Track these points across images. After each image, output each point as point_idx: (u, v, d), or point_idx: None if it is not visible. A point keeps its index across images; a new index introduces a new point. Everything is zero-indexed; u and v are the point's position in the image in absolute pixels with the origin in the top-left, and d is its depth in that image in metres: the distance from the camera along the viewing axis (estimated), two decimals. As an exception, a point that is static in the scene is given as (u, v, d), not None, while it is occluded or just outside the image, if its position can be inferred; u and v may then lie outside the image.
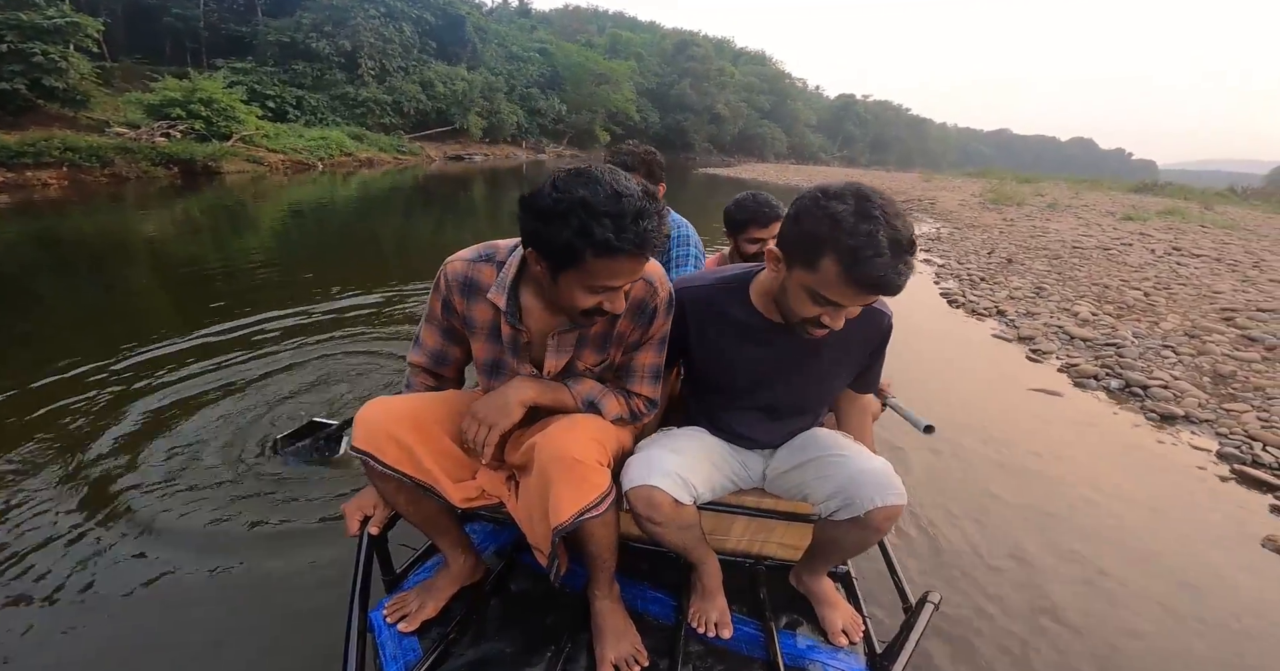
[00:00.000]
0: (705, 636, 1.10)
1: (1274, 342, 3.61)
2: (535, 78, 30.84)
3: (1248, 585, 1.62)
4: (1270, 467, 2.23)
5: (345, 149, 17.26)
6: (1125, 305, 4.67)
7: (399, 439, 0.94)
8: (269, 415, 2.22)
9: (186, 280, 4.37)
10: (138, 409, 2.21)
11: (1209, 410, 2.77)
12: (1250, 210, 15.73)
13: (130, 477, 1.76)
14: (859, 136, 74.19)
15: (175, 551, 1.44)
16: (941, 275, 5.97)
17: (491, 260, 0.97)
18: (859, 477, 0.96)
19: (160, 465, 1.84)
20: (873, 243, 0.78)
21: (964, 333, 4.19)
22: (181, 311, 3.64)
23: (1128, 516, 1.94)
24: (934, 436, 1.55)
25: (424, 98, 22.66)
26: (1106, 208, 13.96)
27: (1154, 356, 3.47)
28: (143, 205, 8.53)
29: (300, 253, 5.96)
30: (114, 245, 5.69)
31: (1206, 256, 6.98)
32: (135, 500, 1.65)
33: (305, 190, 11.63)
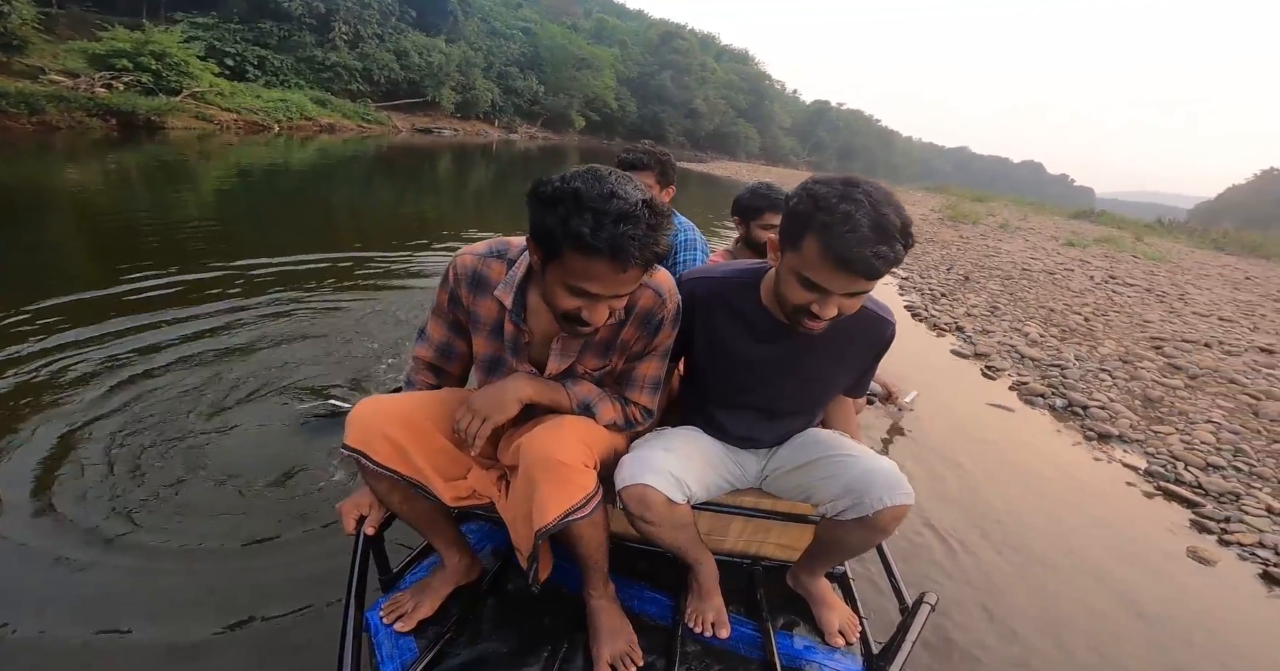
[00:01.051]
0: (702, 636, 1.10)
1: (1196, 372, 4.04)
2: (515, 56, 30.03)
3: (1167, 589, 1.82)
4: (1190, 485, 2.52)
5: (306, 113, 16.36)
6: (1068, 328, 5.07)
7: (390, 437, 0.94)
8: (210, 388, 2.17)
9: (106, 233, 4.17)
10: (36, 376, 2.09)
11: (1139, 431, 3.08)
12: (1174, 242, 17.26)
13: (78, 466, 1.65)
14: (829, 143, 76.12)
15: (163, 549, 1.38)
16: (905, 288, 6.28)
17: (502, 257, 0.97)
18: (867, 477, 0.97)
19: (117, 449, 1.74)
20: (849, 220, 0.79)
21: (928, 347, 4.44)
22: (99, 263, 3.53)
23: (1072, 527, 2.14)
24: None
25: (397, 67, 21.76)
26: (1051, 232, 14.96)
27: (1093, 378, 3.81)
28: (72, 156, 7.83)
29: (241, 213, 5.69)
30: (28, 193, 5.27)
31: (1138, 286, 7.64)
32: (96, 491, 1.57)
33: (256, 151, 10.99)
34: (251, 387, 2.24)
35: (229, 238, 4.58)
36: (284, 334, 2.79)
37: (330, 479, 1.72)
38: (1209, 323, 5.93)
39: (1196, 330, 5.43)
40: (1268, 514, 2.25)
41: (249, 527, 1.49)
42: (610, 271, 0.78)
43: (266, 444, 1.88)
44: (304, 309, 3.15)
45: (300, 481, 1.71)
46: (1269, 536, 2.08)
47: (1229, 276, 10.55)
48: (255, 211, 6.06)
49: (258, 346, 2.63)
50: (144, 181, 6.64)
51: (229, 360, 2.46)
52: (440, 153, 16.06)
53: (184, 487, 1.63)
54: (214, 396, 2.13)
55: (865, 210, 0.79)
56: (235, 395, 2.17)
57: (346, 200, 7.33)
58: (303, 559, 1.40)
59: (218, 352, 2.52)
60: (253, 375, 2.34)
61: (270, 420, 2.03)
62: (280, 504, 1.60)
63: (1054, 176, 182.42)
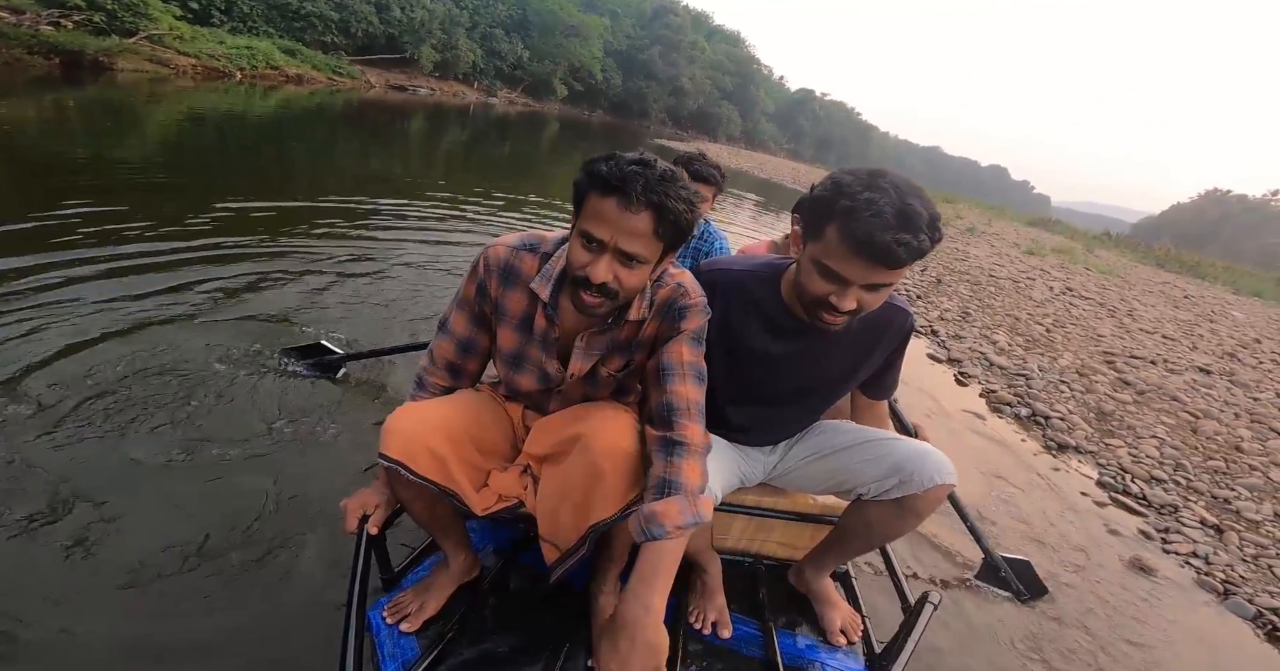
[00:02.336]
0: (704, 635, 1.11)
1: (1143, 388, 4.40)
2: (502, 18, 28.62)
3: (1113, 595, 2.02)
4: (1136, 497, 2.79)
5: (273, 62, 15.26)
6: (1032, 338, 5.41)
7: (433, 449, 0.93)
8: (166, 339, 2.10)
9: (34, 168, 4.00)
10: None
11: (1093, 443, 3.37)
12: (1120, 257, 18.38)
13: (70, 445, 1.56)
14: (808, 132, 76.28)
15: (160, 545, 1.34)
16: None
17: (535, 251, 0.97)
18: (919, 457, 0.99)
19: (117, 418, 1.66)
20: (872, 206, 0.78)
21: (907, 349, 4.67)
22: (25, 200, 3.37)
23: (1033, 528, 2.33)
24: None
25: (376, 21, 20.44)
26: (1012, 238, 15.67)
27: (1054, 390, 4.10)
28: (4, 92, 7.09)
29: (187, 159, 5.43)
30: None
31: (1092, 300, 8.16)
32: (90, 482, 1.47)
33: (212, 97, 10.26)
34: (226, 336, 2.21)
35: (172, 181, 4.42)
36: (230, 279, 2.78)
37: (327, 477, 1.65)
38: (1154, 339, 6.43)
39: (1144, 346, 5.89)
40: (1201, 526, 2.54)
41: (248, 525, 1.44)
42: (616, 207, 0.80)
43: (260, 408, 1.84)
44: (253, 253, 3.19)
45: (301, 468, 1.65)
46: (1201, 547, 2.35)
47: (1170, 294, 11.37)
48: (202, 154, 5.80)
49: (202, 292, 2.58)
50: (83, 121, 6.19)
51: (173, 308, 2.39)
52: (413, 111, 15.35)
53: (177, 476, 1.54)
54: (175, 351, 2.06)
55: (890, 198, 0.78)
56: (205, 345, 2.13)
57: (305, 151, 7.06)
58: (303, 558, 1.38)
59: (165, 299, 2.45)
60: (217, 321, 2.33)
61: (258, 374, 2.01)
62: (280, 497, 1.54)
63: (1016, 182, 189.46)
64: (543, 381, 1.04)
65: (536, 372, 1.03)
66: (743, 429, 1.13)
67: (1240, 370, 5.75)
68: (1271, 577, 2.19)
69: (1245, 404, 4.57)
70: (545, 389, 1.06)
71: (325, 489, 1.59)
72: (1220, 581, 2.12)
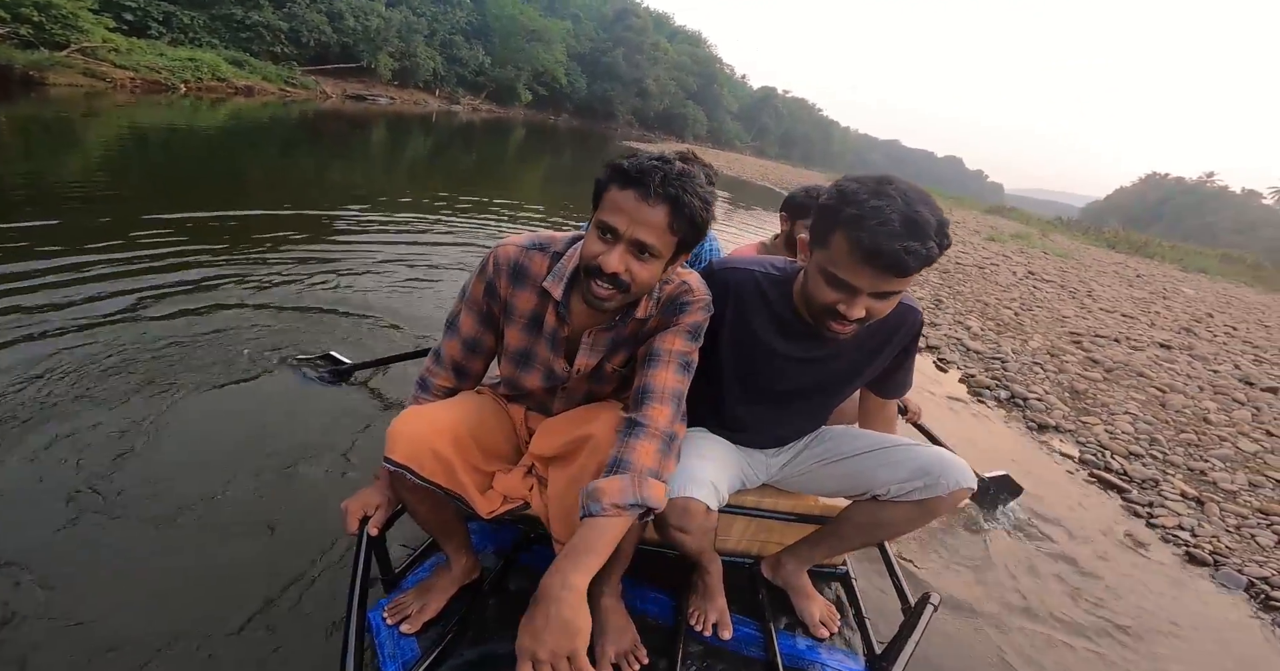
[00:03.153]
0: (704, 636, 1.11)
1: (1111, 365, 4.54)
2: (462, 24, 28.29)
3: (1106, 571, 2.04)
4: (1117, 473, 2.84)
5: (219, 73, 14.68)
6: (1002, 322, 5.53)
7: (439, 453, 0.93)
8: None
9: None
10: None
11: (1071, 422, 3.43)
12: (1074, 241, 19.19)
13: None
14: (772, 129, 77.60)
15: (160, 546, 1.35)
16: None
17: (546, 251, 0.98)
18: (942, 462, 1.02)
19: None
20: (879, 214, 0.78)
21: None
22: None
23: (1026, 509, 2.35)
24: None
25: (329, 30, 19.90)
26: (973, 226, 16.18)
27: (1028, 371, 4.18)
28: None
29: (132, 176, 5.15)
30: None
31: (1054, 282, 8.44)
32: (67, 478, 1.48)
33: (155, 112, 9.81)
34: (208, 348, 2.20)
35: (116, 196, 4.22)
36: (213, 295, 2.73)
37: (334, 464, 1.69)
38: (1114, 318, 6.67)
39: (1106, 325, 6.10)
40: (1182, 499, 2.59)
41: (248, 526, 1.45)
42: (634, 199, 0.82)
43: (265, 413, 1.89)
44: (220, 265, 3.11)
45: (301, 469, 1.65)
46: (1186, 520, 2.40)
47: (1123, 274, 11.88)
48: (148, 171, 5.53)
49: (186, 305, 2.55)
50: (17, 139, 5.80)
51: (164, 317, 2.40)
52: (374, 121, 14.98)
53: (176, 476, 1.56)
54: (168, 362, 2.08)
55: (897, 205, 0.78)
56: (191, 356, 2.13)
57: (260, 165, 6.80)
58: (304, 559, 1.37)
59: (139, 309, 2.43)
60: (201, 335, 2.30)
61: (265, 384, 2.05)
62: (281, 497, 1.56)
63: (971, 172, 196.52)
64: (548, 379, 1.04)
65: (543, 371, 1.03)
66: (746, 428, 1.13)
67: (1198, 344, 6.01)
68: (1256, 547, 2.24)
69: (1206, 376, 4.76)
70: (550, 387, 1.06)
71: (326, 489, 1.60)
72: (1209, 553, 2.16)
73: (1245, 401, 4.19)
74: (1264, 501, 2.63)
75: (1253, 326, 8.22)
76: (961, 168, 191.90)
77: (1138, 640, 1.68)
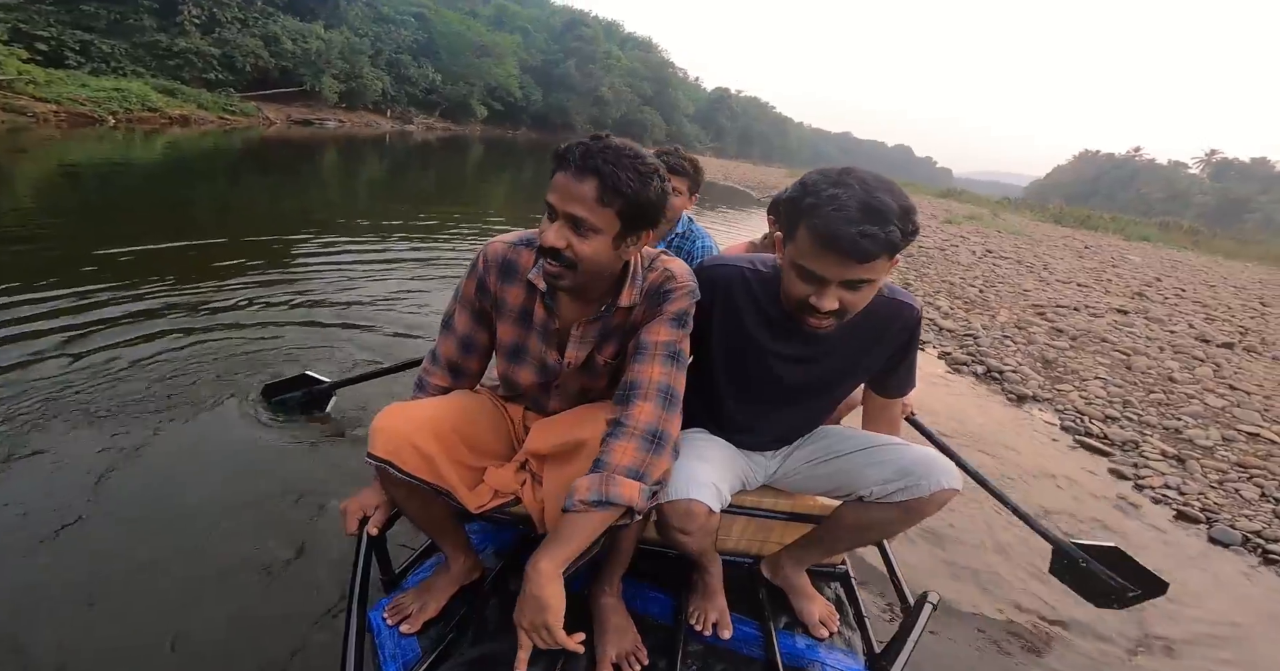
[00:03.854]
0: (704, 636, 1.11)
1: (1075, 333, 4.66)
2: (408, 43, 27.70)
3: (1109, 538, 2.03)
4: (1098, 437, 2.87)
5: (149, 103, 13.97)
6: (969, 300, 5.65)
7: (419, 447, 0.94)
8: None
9: None
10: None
11: (1047, 391, 3.48)
12: (1023, 218, 20.01)
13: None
14: (729, 129, 78.91)
15: (160, 548, 1.37)
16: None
17: (532, 245, 0.99)
18: (926, 461, 1.00)
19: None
20: (835, 201, 0.80)
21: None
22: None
23: (1014, 480, 2.32)
24: None
25: (266, 54, 19.16)
26: (929, 210, 16.66)
27: (1000, 345, 4.26)
28: None
29: (72, 216, 4.80)
30: None
31: (1010, 259, 8.72)
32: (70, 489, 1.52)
33: (87, 147, 9.26)
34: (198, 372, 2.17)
35: (61, 233, 3.95)
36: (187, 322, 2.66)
37: (327, 478, 1.70)
38: (1071, 288, 6.91)
39: (1065, 296, 6.30)
40: (1164, 458, 2.63)
41: (248, 527, 1.47)
42: (563, 175, 0.85)
43: (248, 437, 1.87)
44: (187, 297, 2.99)
45: (296, 479, 1.68)
46: (1173, 478, 2.43)
47: (1072, 246, 12.40)
48: (90, 207, 5.19)
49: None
50: None
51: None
52: (323, 145, 14.50)
53: (177, 482, 1.60)
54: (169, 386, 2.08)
55: (854, 193, 0.80)
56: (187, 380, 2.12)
57: (207, 195, 6.46)
58: (304, 559, 1.39)
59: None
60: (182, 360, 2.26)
61: (243, 404, 2.02)
62: (281, 498, 1.59)
63: (921, 159, 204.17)
64: (541, 373, 1.05)
65: (536, 364, 1.04)
66: (746, 429, 1.13)
67: (1152, 307, 6.27)
68: (1242, 501, 2.28)
69: (1165, 337, 4.94)
70: (544, 382, 1.07)
71: (327, 489, 1.62)
72: (1199, 510, 2.18)
73: (1205, 358, 4.36)
74: (1240, 455, 2.69)
75: (1199, 287, 8.67)
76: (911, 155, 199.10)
77: (1152, 606, 1.65)
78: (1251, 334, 5.62)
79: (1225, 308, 7.06)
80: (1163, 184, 71.31)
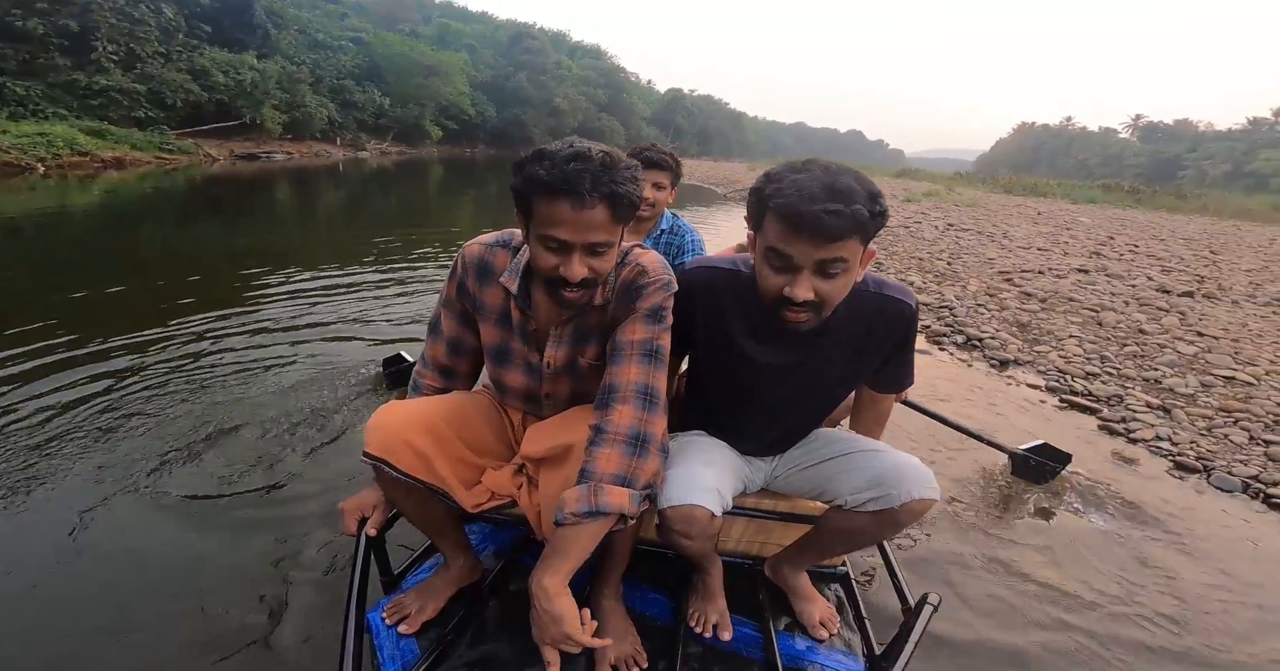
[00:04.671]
0: (704, 637, 1.11)
1: (1044, 295, 4.74)
2: (349, 68, 27.18)
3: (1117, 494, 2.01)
4: (1084, 394, 2.88)
5: (78, 147, 13.27)
6: (939, 273, 5.72)
7: (413, 444, 0.94)
8: None
9: None
10: None
11: (1027, 353, 3.50)
12: (976, 191, 20.66)
13: None
14: (687, 128, 79.74)
15: (162, 550, 1.41)
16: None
17: (507, 246, 1.00)
18: (897, 470, 0.97)
19: None
20: (797, 184, 0.82)
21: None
22: None
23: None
24: None
25: (196, 88, 18.46)
26: (889, 190, 17.04)
27: (976, 314, 4.29)
28: None
29: (11, 268, 4.49)
30: None
31: (972, 230, 8.92)
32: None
33: (19, 198, 8.72)
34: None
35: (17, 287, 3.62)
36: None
37: (327, 479, 1.73)
38: (1032, 253, 7.07)
39: (1028, 261, 6.44)
40: (1150, 409, 2.64)
41: (248, 529, 1.49)
42: (570, 209, 0.81)
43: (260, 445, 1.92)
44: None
45: (297, 480, 1.72)
46: (1162, 429, 2.43)
47: (1026, 214, 12.80)
48: (30, 257, 4.84)
49: None
50: None
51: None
52: (274, 180, 13.99)
53: (174, 483, 1.66)
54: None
55: (817, 176, 0.82)
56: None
57: (155, 238, 6.12)
58: (304, 559, 1.40)
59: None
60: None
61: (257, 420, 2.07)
62: (281, 498, 1.63)
63: (873, 142, 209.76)
64: (528, 374, 1.05)
65: (521, 365, 1.04)
66: (739, 434, 1.12)
67: (1110, 264, 6.46)
68: (1233, 446, 2.29)
69: (1127, 292, 5.07)
70: (533, 385, 1.07)
71: (327, 490, 1.66)
72: (1195, 459, 2.17)
73: (1169, 308, 4.48)
74: (1221, 399, 2.73)
75: (1150, 242, 9.01)
76: (864, 139, 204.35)
77: (1163, 546, 1.62)
78: (1208, 281, 5.82)
79: (1178, 259, 7.33)
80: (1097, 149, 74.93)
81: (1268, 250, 9.26)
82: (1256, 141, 55.01)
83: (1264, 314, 4.59)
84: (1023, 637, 1.36)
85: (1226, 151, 56.12)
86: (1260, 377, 3.04)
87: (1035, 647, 1.33)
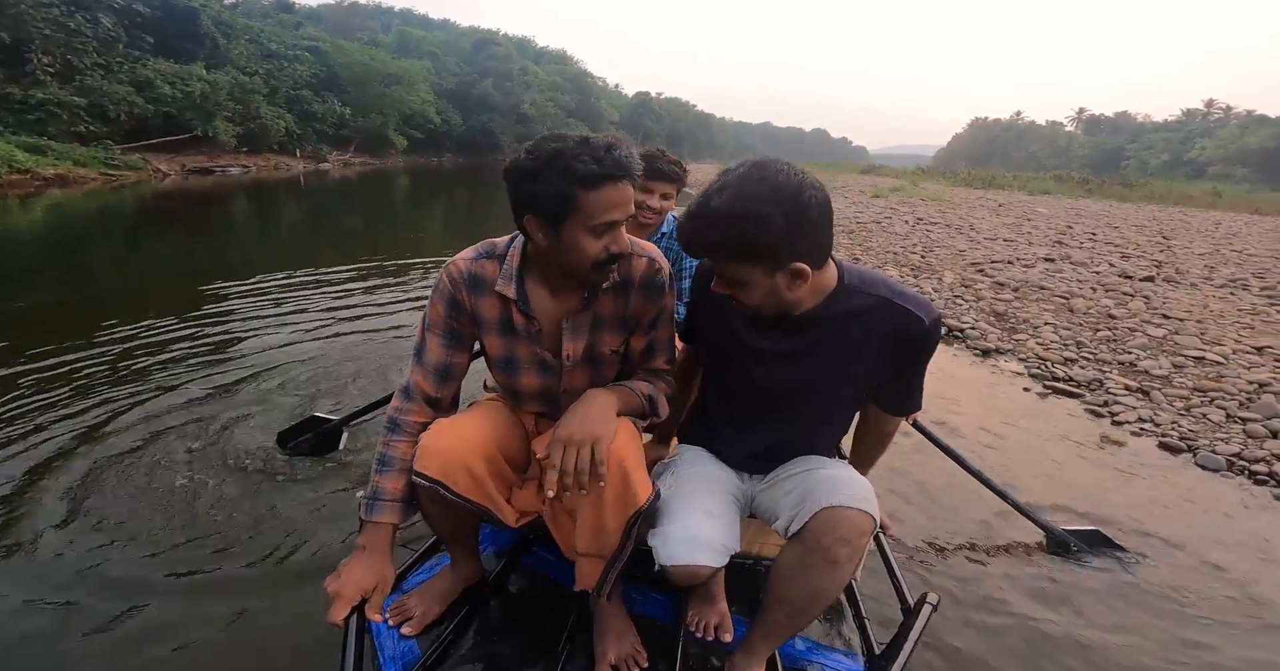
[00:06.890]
0: (705, 639, 1.10)
1: (1015, 285, 4.87)
2: (306, 78, 26.32)
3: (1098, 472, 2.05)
4: (1065, 380, 2.94)
5: (16, 164, 12.53)
6: (914, 266, 5.83)
7: (471, 468, 0.95)
8: None
9: None
10: None
11: (1007, 342, 3.58)
12: (939, 185, 21.32)
13: None
14: (656, 131, 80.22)
15: (161, 547, 1.44)
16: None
17: (492, 256, 1.01)
18: (828, 481, 0.90)
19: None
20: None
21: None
22: None
23: (1007, 436, 2.33)
24: None
25: (140, 101, 17.60)
26: (858, 188, 17.44)
27: (954, 304, 4.38)
28: None
29: None
30: None
31: (940, 224, 9.16)
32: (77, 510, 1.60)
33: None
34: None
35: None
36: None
37: (326, 479, 1.76)
38: (999, 244, 7.29)
39: (996, 252, 6.63)
40: (1129, 392, 2.72)
41: (249, 532, 1.51)
42: (623, 193, 0.87)
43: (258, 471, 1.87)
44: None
45: (297, 481, 1.76)
46: (1144, 411, 2.49)
47: (988, 205, 13.24)
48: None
49: None
50: None
51: None
52: (230, 195, 13.41)
53: (174, 483, 1.70)
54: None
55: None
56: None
57: (107, 259, 5.74)
58: (304, 559, 1.41)
59: None
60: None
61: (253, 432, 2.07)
62: (278, 504, 1.65)
63: (837, 140, 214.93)
64: (544, 374, 1.05)
65: (535, 367, 1.04)
66: (731, 438, 1.09)
67: (1073, 252, 6.70)
68: (1212, 425, 2.37)
69: (1092, 278, 5.25)
70: (549, 384, 1.07)
71: (328, 490, 1.70)
72: (1179, 439, 2.23)
73: (1134, 293, 4.65)
74: (1195, 379, 2.82)
75: (1105, 229, 9.40)
76: (827, 137, 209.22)
77: (1159, 523, 1.64)
78: (1165, 265, 6.09)
79: (1135, 245, 7.66)
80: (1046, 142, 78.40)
81: (1214, 234, 9.77)
82: (1191, 131, 58.51)
83: (1221, 295, 4.81)
84: (1023, 637, 1.34)
85: (1164, 142, 59.51)
86: (1228, 357, 3.16)
87: (1034, 646, 1.32)
